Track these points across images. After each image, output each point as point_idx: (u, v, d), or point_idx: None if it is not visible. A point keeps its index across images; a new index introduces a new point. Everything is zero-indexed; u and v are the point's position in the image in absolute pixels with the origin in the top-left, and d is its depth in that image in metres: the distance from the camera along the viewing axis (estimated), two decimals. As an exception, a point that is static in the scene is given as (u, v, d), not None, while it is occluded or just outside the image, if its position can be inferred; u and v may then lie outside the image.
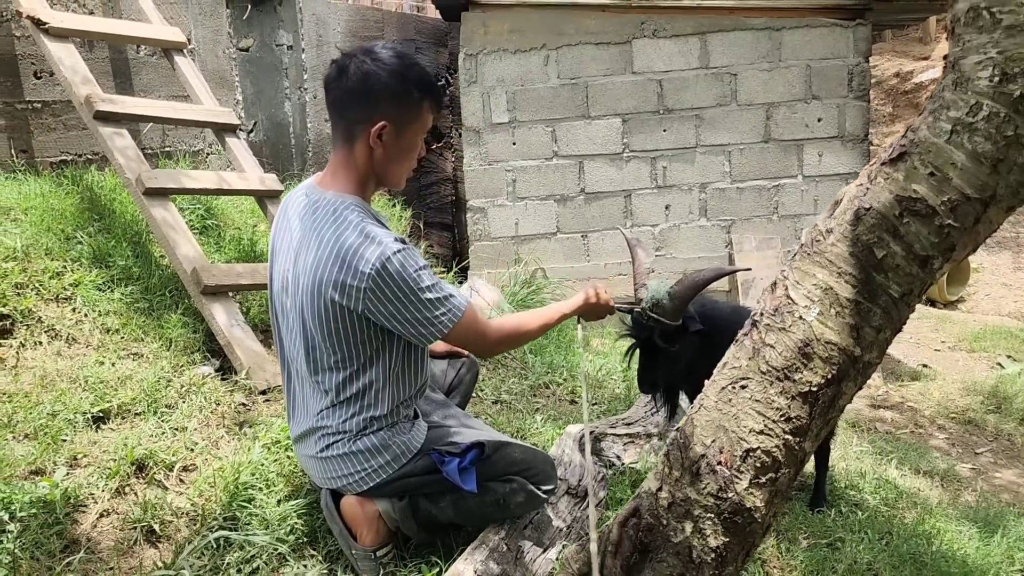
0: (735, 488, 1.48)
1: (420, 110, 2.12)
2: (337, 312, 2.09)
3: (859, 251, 1.48)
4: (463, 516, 2.33)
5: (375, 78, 2.05)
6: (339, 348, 2.14)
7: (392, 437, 2.24)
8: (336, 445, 2.25)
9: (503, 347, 2.35)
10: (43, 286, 3.14)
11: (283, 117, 5.39)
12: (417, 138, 2.17)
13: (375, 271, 2.00)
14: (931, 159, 1.44)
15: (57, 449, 2.48)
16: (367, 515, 2.24)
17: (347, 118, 2.11)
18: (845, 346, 1.48)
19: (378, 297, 2.03)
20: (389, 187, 2.29)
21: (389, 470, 2.24)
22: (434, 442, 2.29)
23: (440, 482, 2.26)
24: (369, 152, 2.11)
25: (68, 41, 3.62)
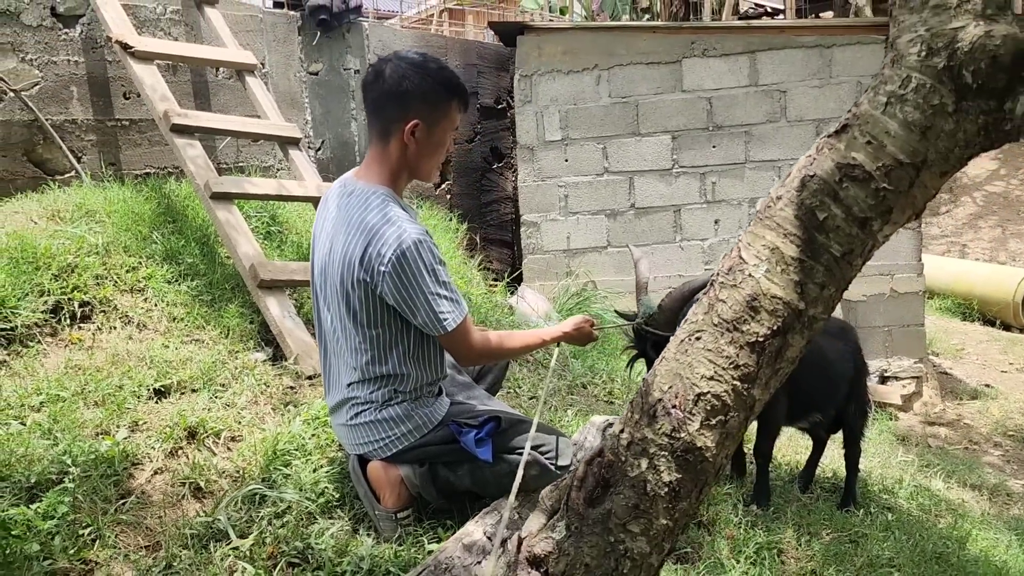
0: (687, 429, 1.63)
1: (449, 109, 2.33)
2: (362, 293, 2.30)
3: (803, 214, 1.61)
4: (479, 485, 2.49)
5: (408, 81, 2.27)
6: (363, 329, 2.35)
7: (416, 408, 2.43)
8: (364, 413, 2.47)
9: (482, 359, 2.55)
10: (120, 278, 3.48)
11: (349, 136, 5.75)
12: (446, 135, 2.38)
13: (396, 254, 2.20)
14: (868, 129, 1.58)
15: (121, 415, 2.78)
16: (390, 479, 2.44)
17: (383, 117, 2.32)
18: (789, 300, 1.62)
19: (395, 280, 2.22)
20: (421, 179, 2.48)
21: (411, 438, 2.44)
22: (455, 416, 2.48)
23: (458, 452, 2.44)
24: (403, 148, 2.31)
25: (151, 63, 4.02)
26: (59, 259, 3.35)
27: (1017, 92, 1.49)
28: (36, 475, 2.34)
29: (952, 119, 1.52)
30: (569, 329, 2.61)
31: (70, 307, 3.25)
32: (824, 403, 3.36)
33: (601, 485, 1.67)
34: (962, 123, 1.52)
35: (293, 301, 3.75)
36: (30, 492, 2.30)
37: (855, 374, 3.43)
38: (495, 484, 2.48)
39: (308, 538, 2.35)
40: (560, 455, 2.53)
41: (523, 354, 2.64)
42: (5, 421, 2.59)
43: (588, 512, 1.66)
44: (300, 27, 5.42)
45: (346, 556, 2.30)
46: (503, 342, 2.50)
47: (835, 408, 3.41)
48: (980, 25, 1.46)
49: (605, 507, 1.65)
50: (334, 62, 5.63)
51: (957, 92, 1.50)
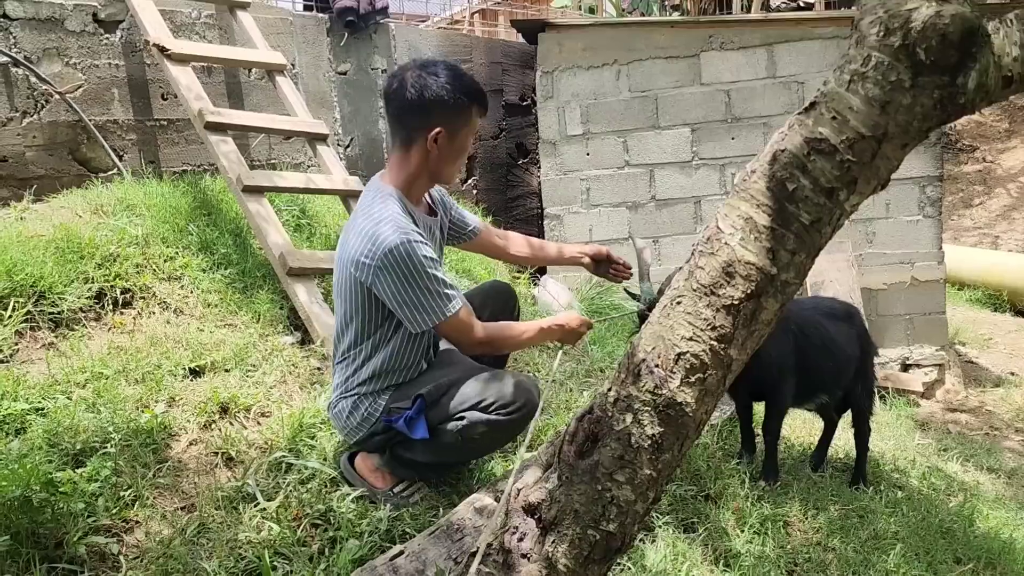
0: (669, 386, 1.76)
1: (469, 115, 2.44)
2: (355, 287, 2.45)
3: (774, 186, 1.74)
4: (440, 456, 2.59)
5: (430, 90, 2.36)
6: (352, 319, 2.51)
7: (360, 402, 2.56)
8: (333, 401, 2.66)
9: (484, 348, 2.53)
10: (158, 267, 3.69)
11: (377, 133, 5.94)
12: (467, 140, 2.50)
13: (384, 251, 2.31)
14: (834, 105, 1.70)
15: (159, 392, 2.98)
16: (369, 467, 2.64)
17: (406, 126, 2.42)
18: (762, 266, 1.74)
19: (385, 276, 2.33)
20: (442, 183, 2.61)
21: (361, 431, 2.59)
22: (391, 402, 2.54)
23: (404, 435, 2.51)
24: (425, 154, 2.42)
25: (187, 65, 4.23)
26: (102, 249, 3.57)
27: (968, 68, 1.60)
28: (81, 443, 2.54)
29: (909, 94, 1.63)
30: (563, 322, 2.62)
31: (112, 294, 3.47)
32: (831, 385, 3.45)
33: (590, 439, 1.81)
34: (919, 98, 1.63)
35: (321, 289, 3.93)
36: (75, 458, 2.50)
37: (862, 356, 3.51)
38: (454, 453, 2.57)
39: (331, 502, 2.52)
40: (505, 403, 2.42)
41: (526, 344, 2.70)
42: (53, 396, 2.80)
43: (578, 463, 1.80)
44: (328, 29, 5.63)
45: (365, 518, 2.47)
46: (503, 331, 2.57)
47: (842, 390, 3.50)
48: (932, 6, 1.58)
49: (593, 459, 1.79)
50: (362, 62, 5.83)
51: (913, 69, 1.62)
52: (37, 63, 4.28)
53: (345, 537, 2.37)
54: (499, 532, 1.81)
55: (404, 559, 2.03)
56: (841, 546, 2.94)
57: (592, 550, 1.75)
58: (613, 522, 1.75)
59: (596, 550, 1.75)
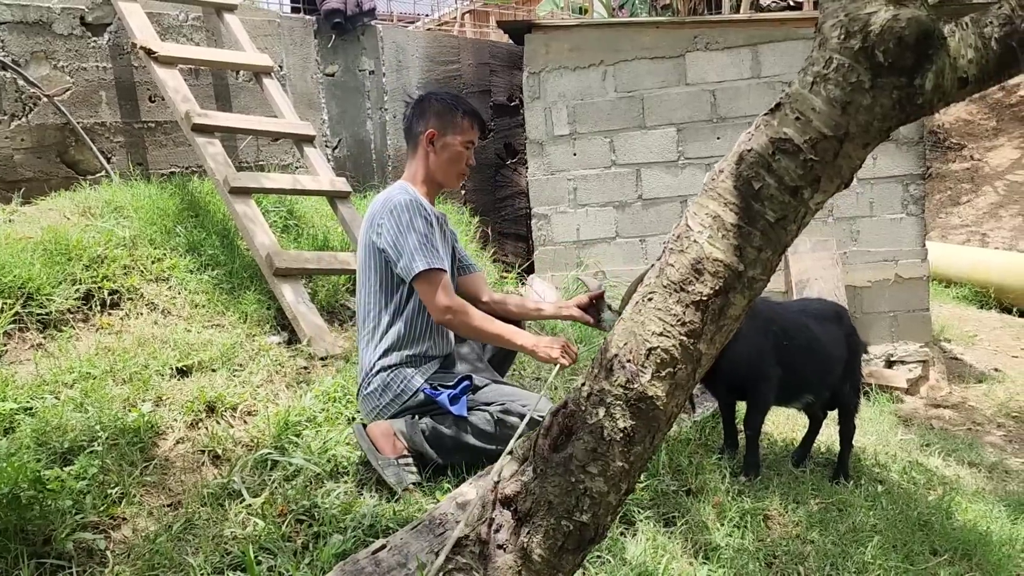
0: (640, 380, 1.80)
1: (461, 124, 2.86)
2: (372, 255, 2.76)
3: (741, 184, 1.79)
4: (467, 439, 2.73)
5: (428, 103, 2.90)
6: (372, 294, 2.78)
7: (393, 380, 2.78)
8: (362, 386, 2.84)
9: (452, 319, 2.71)
10: (146, 269, 3.73)
11: (365, 135, 5.98)
12: (461, 148, 2.87)
13: (393, 203, 2.73)
14: (798, 106, 1.75)
15: (146, 391, 3.02)
16: (385, 433, 2.73)
17: (411, 133, 2.91)
18: (730, 263, 1.78)
19: (390, 220, 2.70)
20: (445, 186, 2.97)
21: (395, 406, 2.79)
22: (435, 380, 2.76)
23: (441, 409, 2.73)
24: (426, 156, 2.86)
25: (174, 67, 4.27)
26: (90, 251, 3.60)
27: (925, 69, 1.65)
28: (69, 441, 2.58)
29: (869, 95, 1.68)
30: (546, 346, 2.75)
31: (100, 295, 3.50)
32: (816, 386, 3.50)
33: (564, 433, 1.86)
34: (878, 98, 1.68)
35: (308, 289, 3.98)
36: (63, 456, 2.53)
37: (849, 355, 3.56)
38: (478, 431, 2.73)
39: (315, 498, 2.56)
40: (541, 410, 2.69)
41: (492, 341, 2.87)
42: (41, 395, 2.83)
43: (552, 456, 1.85)
44: (316, 31, 5.66)
45: (349, 514, 2.51)
46: (481, 318, 2.75)
47: (829, 390, 3.54)
48: (889, 9, 1.63)
49: (567, 451, 1.83)
50: (349, 64, 5.87)
51: (872, 70, 1.67)
52: (25, 66, 4.31)
53: (329, 532, 2.40)
54: (476, 524, 1.85)
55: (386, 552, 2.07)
56: (820, 539, 2.98)
57: (566, 540, 1.79)
58: (586, 513, 1.79)
59: (570, 540, 1.79)
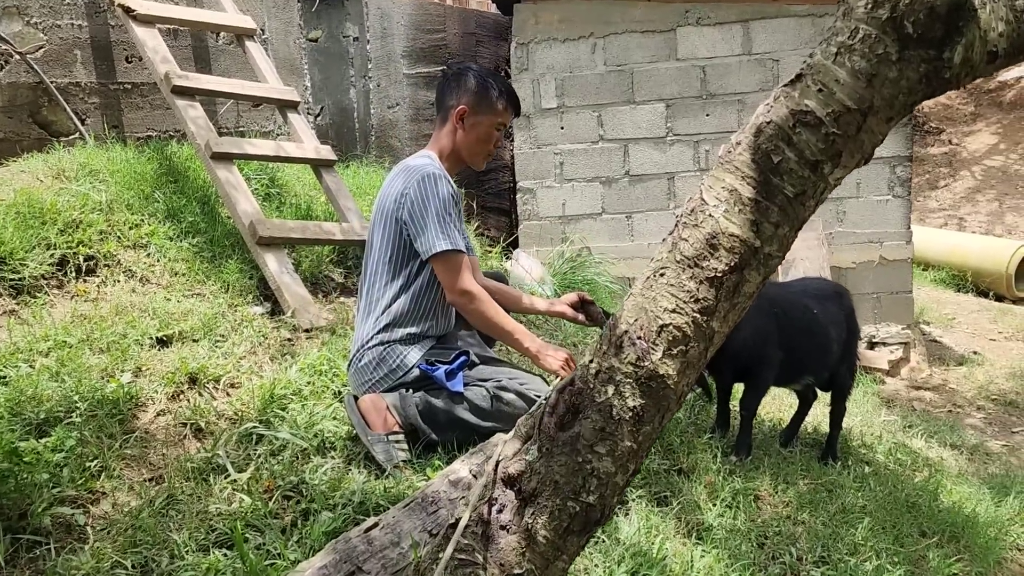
0: (651, 358, 1.74)
1: (495, 105, 2.75)
2: (390, 226, 2.67)
3: (759, 158, 1.72)
4: (462, 414, 2.66)
5: (465, 77, 2.77)
6: (382, 264, 2.71)
7: (389, 353, 2.71)
8: (356, 357, 2.76)
9: (468, 305, 2.66)
10: (123, 235, 3.61)
11: (348, 103, 5.84)
12: (491, 130, 2.77)
13: (422, 175, 2.63)
14: (820, 77, 1.68)
15: (125, 361, 2.91)
16: (377, 407, 2.65)
17: (443, 105, 2.80)
18: (746, 238, 1.73)
19: (415, 192, 2.61)
20: (470, 165, 2.85)
21: (388, 382, 2.71)
22: (432, 355, 2.68)
23: (436, 384, 2.67)
24: (453, 131, 2.76)
25: (153, 27, 4.11)
26: (64, 215, 3.47)
27: (954, 42, 1.59)
28: (45, 412, 2.48)
29: (895, 67, 1.62)
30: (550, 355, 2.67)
31: (75, 261, 3.38)
32: (817, 366, 3.47)
33: (571, 411, 1.80)
34: (905, 71, 1.62)
35: (292, 259, 3.87)
36: (39, 428, 2.44)
37: (847, 336, 3.53)
38: (473, 407, 2.67)
39: (303, 474, 2.49)
40: (537, 388, 2.69)
41: (499, 336, 2.80)
42: (15, 364, 2.72)
43: (558, 435, 1.79)
44: (300, -6, 5.51)
45: (338, 490, 2.44)
46: (495, 311, 2.68)
47: (828, 371, 3.51)
48: (921, -22, 1.56)
49: (574, 430, 1.78)
50: (333, 29, 5.72)
51: (900, 42, 1.60)
52: (-5, 21, 4.13)
53: (318, 509, 2.33)
54: (478, 504, 1.79)
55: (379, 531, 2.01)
56: (810, 519, 2.97)
57: (572, 521, 1.74)
58: (593, 494, 1.74)
59: (575, 521, 1.74)
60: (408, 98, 6.10)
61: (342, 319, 3.64)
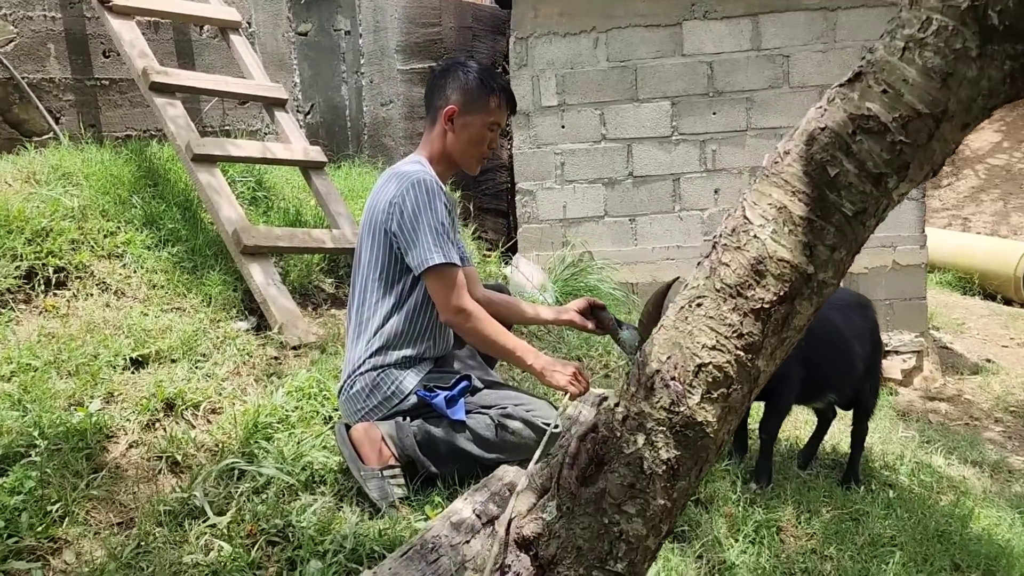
0: (687, 402, 1.51)
1: (487, 103, 2.51)
2: (379, 238, 2.45)
3: (813, 170, 1.49)
4: (465, 445, 2.45)
5: (454, 74, 2.53)
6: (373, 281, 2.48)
7: (383, 379, 2.48)
8: (347, 384, 2.53)
9: (463, 323, 2.42)
10: (97, 243, 3.35)
11: (339, 100, 5.59)
12: (483, 130, 2.53)
13: (411, 182, 2.40)
14: (884, 77, 1.45)
15: (95, 386, 2.67)
16: (371, 438, 2.41)
17: (431, 105, 2.56)
18: (797, 263, 1.49)
19: (404, 203, 2.39)
20: (463, 169, 2.62)
21: (383, 410, 2.48)
22: (430, 380, 2.48)
23: (435, 412, 2.45)
24: (443, 134, 2.53)
25: (131, 19, 3.86)
26: (33, 223, 3.22)
27: (1051, 35, 1.36)
28: (3, 447, 2.24)
29: (976, 65, 1.38)
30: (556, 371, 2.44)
31: (44, 273, 3.13)
32: (841, 383, 3.23)
33: (595, 463, 1.56)
34: (986, 69, 1.39)
35: (279, 269, 3.63)
36: (-5, 466, 2.20)
37: (872, 351, 3.30)
38: (476, 437, 2.46)
39: (289, 515, 2.25)
40: (546, 416, 2.48)
41: (500, 355, 2.60)
42: (-28, 391, 2.48)
43: (581, 491, 1.55)
44: (288, -14, 5.25)
45: (328, 534, 2.20)
46: (494, 328, 2.44)
47: (851, 388, 3.28)
48: (1013, -40, 1.33)
49: (599, 486, 1.54)
50: (324, 22, 5.46)
51: (982, 35, 1.37)
52: (-39, 14, 3.87)
53: (306, 557, 2.10)
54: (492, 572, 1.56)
55: (374, 589, 1.78)
56: (837, 553, 2.76)
57: (597, 594, 1.51)
58: (622, 561, 1.51)
59: (601, 594, 1.51)
60: (402, 95, 5.85)
61: (333, 334, 3.40)
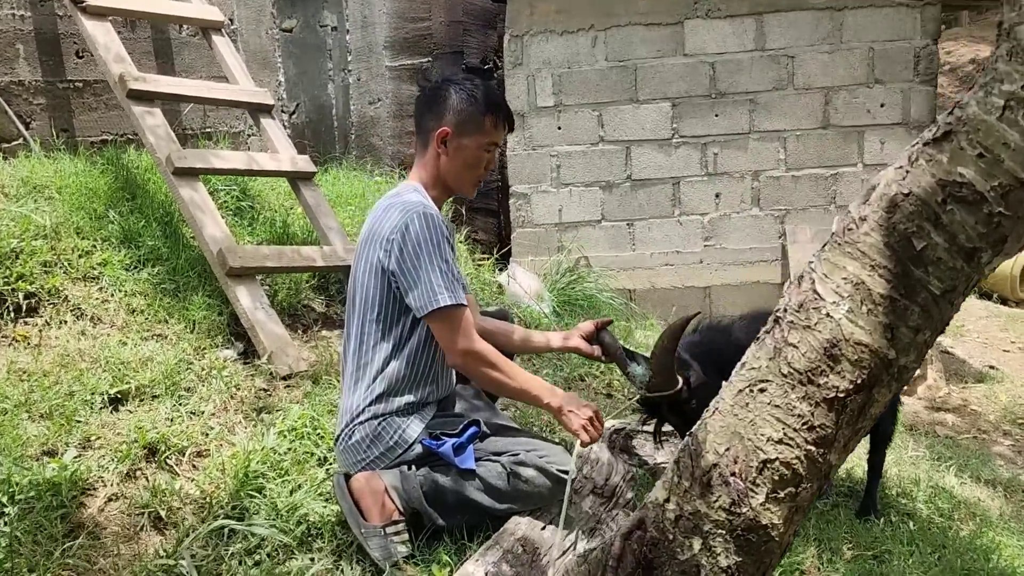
0: (750, 502, 1.34)
1: (482, 123, 2.35)
2: (376, 277, 2.27)
3: (895, 241, 1.31)
4: (475, 495, 2.27)
5: (445, 93, 2.36)
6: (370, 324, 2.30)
7: (385, 427, 2.29)
8: (345, 432, 2.33)
9: (472, 367, 2.29)
10: (71, 265, 3.13)
11: (326, 99, 5.35)
12: (480, 152, 2.37)
13: (405, 224, 2.22)
14: (980, 138, 1.27)
15: (71, 430, 2.46)
16: (373, 490, 2.22)
17: (422, 127, 2.40)
18: (877, 348, 1.32)
19: (406, 239, 2.21)
20: (458, 193, 2.48)
21: (385, 460, 2.30)
22: (436, 427, 2.32)
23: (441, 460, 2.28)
24: (436, 157, 2.36)
25: (105, 20, 3.60)
26: (2, 244, 2.99)
27: None
28: (-33, 512, 2.03)
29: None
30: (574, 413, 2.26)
31: (14, 299, 2.91)
32: None
33: (643, 567, 1.39)
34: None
35: (266, 288, 3.42)
36: (-41, 533, 1.99)
37: None
38: (488, 487, 2.28)
39: (284, 580, 2.07)
40: (560, 462, 2.30)
41: (514, 396, 2.45)
42: (-67, 442, 2.26)
43: (626, 600, 1.38)
44: (272, -21, 4.99)
45: (328, 602, 2.02)
46: (506, 369, 2.29)
47: None
48: None
49: (647, 594, 1.37)
50: (309, 18, 5.21)
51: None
52: (-79, 12, 3.59)
53: (304, 635, 1.92)
54: None
55: None
56: (864, 599, 2.62)
57: None
58: None
59: None
60: (391, 93, 5.61)
61: (325, 360, 3.20)
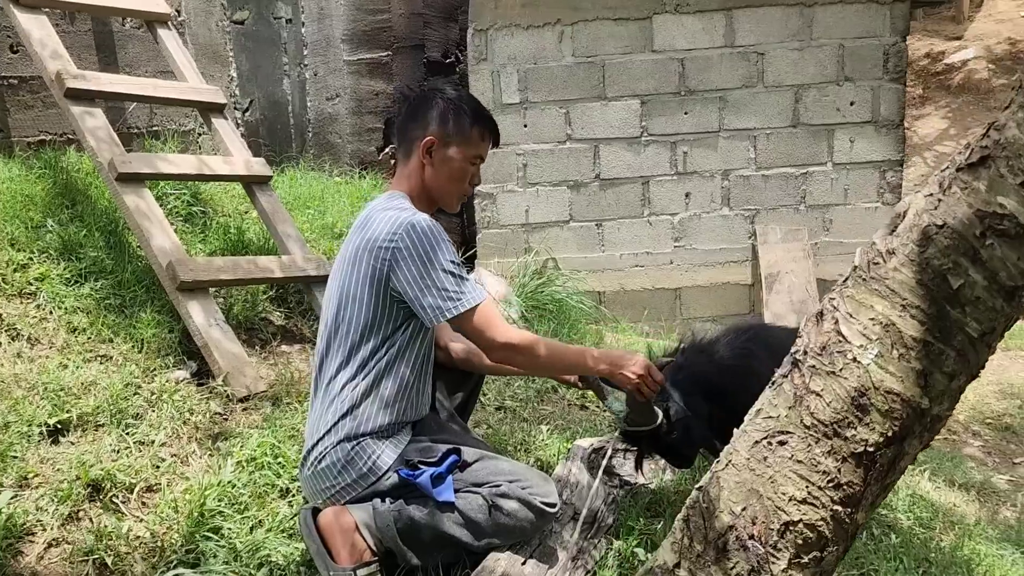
0: (771, 569, 1.20)
1: (469, 134, 2.25)
2: (369, 282, 2.12)
3: (929, 279, 1.18)
4: (454, 531, 2.10)
5: (432, 101, 2.27)
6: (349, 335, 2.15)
7: (360, 452, 2.12)
8: (314, 456, 2.15)
9: (514, 355, 2.17)
10: (5, 280, 2.89)
11: (281, 95, 5.12)
12: (465, 164, 2.27)
13: (404, 230, 2.09)
14: (1022, 165, 1.14)
15: (5, 468, 2.25)
16: (343, 528, 2.05)
17: (405, 136, 2.30)
18: (910, 396, 1.19)
19: (404, 256, 2.08)
20: (443, 207, 2.35)
21: (357, 489, 2.12)
22: (411, 455, 2.14)
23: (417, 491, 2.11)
24: (421, 168, 2.26)
25: (41, 12, 3.34)
26: (-74, 259, 2.74)
27: None
28: None
29: None
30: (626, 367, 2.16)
31: (-59, 320, 2.66)
32: None
33: (651, 642, 1.24)
34: None
35: (220, 301, 3.21)
36: None
37: None
38: (468, 520, 2.11)
39: (245, 634, 1.89)
40: (543, 493, 2.16)
41: (567, 371, 2.37)
42: None
43: None
44: (223, -31, 4.74)
45: (293, 658, 1.85)
46: (552, 346, 2.21)
47: None
48: None
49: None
50: (262, 9, 4.97)
51: None
52: None
53: None
54: None
55: None
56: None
57: None
58: None
59: None
60: (349, 88, 5.40)
61: (284, 378, 3.01)
